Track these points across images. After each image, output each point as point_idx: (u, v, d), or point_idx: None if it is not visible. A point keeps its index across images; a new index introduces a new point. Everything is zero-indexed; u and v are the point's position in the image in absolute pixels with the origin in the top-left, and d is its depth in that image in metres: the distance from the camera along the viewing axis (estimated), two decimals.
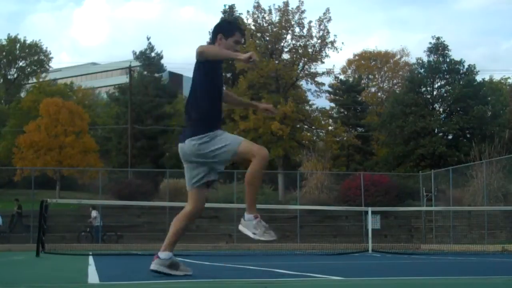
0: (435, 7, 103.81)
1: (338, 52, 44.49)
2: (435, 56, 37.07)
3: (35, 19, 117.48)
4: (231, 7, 40.76)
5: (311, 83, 35.86)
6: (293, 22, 34.61)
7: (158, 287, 4.38)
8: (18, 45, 51.25)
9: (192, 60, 5.30)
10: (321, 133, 37.69)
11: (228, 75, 39.25)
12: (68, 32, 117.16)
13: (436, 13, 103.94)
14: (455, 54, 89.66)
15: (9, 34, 52.54)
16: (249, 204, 4.98)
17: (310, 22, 34.38)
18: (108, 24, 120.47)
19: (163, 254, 5.11)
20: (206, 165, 5.20)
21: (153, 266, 5.10)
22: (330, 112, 42.86)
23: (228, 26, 5.29)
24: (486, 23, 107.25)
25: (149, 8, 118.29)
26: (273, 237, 4.94)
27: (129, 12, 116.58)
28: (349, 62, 52.43)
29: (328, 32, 34.30)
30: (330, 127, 38.64)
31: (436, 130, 35.91)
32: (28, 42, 51.58)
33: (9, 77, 51.75)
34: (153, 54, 46.80)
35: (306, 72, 35.46)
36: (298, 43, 34.84)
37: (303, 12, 34.56)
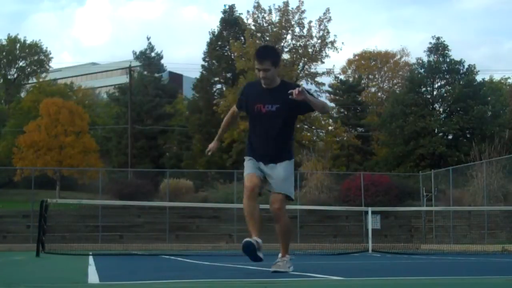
0: (438, 6, 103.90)
1: (338, 52, 44.56)
2: (435, 56, 37.05)
3: (37, 19, 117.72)
4: (231, 7, 40.76)
5: (311, 83, 35.87)
6: (293, 22, 34.63)
7: (158, 287, 4.38)
8: (18, 45, 51.27)
9: (192, 60, 5.51)
10: (321, 133, 37.71)
11: (229, 75, 39.26)
12: (70, 32, 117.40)
13: (439, 13, 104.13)
14: (458, 53, 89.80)
15: (9, 34, 52.63)
16: None
17: (310, 22, 34.42)
18: (110, 24, 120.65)
19: None
20: None
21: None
22: (330, 112, 42.84)
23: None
24: (489, 23, 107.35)
25: (151, 7, 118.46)
26: None
27: (132, 12, 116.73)
28: (349, 62, 52.40)
29: (328, 32, 34.34)
30: (330, 127, 38.64)
31: (436, 130, 35.88)
32: (28, 42, 51.61)
33: (9, 77, 51.76)
34: (153, 54, 46.83)
35: (306, 72, 35.49)
36: (298, 43, 34.87)
37: (303, 12, 34.61)
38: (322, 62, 34.92)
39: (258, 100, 5.68)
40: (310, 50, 34.52)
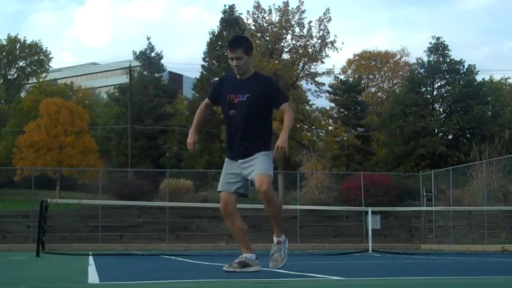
0: (439, 6, 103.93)
1: (338, 52, 44.50)
2: (435, 56, 37.07)
3: (37, 19, 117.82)
4: (231, 7, 40.75)
5: (311, 83, 35.82)
6: (293, 22, 34.56)
7: (158, 287, 4.38)
8: (18, 45, 51.24)
9: (192, 60, 5.62)
10: (321, 133, 37.67)
11: None
12: (71, 32, 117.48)
13: (440, 13, 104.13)
14: (458, 53, 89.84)
15: (9, 34, 52.59)
16: None
17: (310, 22, 34.35)
18: (110, 24, 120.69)
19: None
20: None
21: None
22: (330, 112, 42.86)
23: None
24: (490, 23, 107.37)
25: (151, 7, 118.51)
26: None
27: (132, 12, 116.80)
28: (349, 62, 52.43)
29: (328, 32, 34.26)
30: (330, 127, 38.62)
31: (436, 130, 35.89)
32: (28, 42, 51.58)
33: (9, 77, 51.72)
34: (153, 54, 46.85)
35: (306, 72, 35.42)
36: (298, 43, 34.81)
37: (303, 12, 34.52)
38: (322, 62, 34.82)
39: (231, 91, 5.74)
40: (310, 50, 34.46)
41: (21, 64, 51.99)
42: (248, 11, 36.14)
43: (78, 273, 6.16)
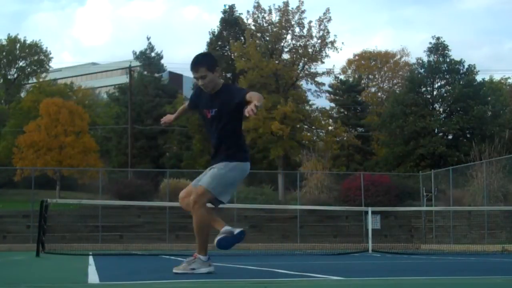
0: (439, 6, 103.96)
1: (338, 52, 44.54)
2: (435, 56, 37.07)
3: (37, 19, 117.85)
4: (231, 7, 40.75)
5: (311, 83, 35.87)
6: (293, 22, 34.59)
7: (158, 287, 4.38)
8: (18, 45, 51.23)
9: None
10: (321, 133, 37.70)
11: (228, 75, 39.24)
12: (71, 32, 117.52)
13: (440, 13, 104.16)
14: (458, 53, 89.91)
15: (9, 34, 52.57)
16: None
17: (310, 22, 34.39)
18: (110, 24, 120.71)
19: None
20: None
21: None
22: (330, 112, 42.86)
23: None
24: (490, 23, 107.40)
25: (151, 7, 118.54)
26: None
27: (132, 12, 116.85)
28: (349, 62, 52.43)
29: (328, 32, 34.30)
30: (330, 127, 38.64)
31: (436, 130, 35.89)
32: (28, 42, 51.57)
33: (9, 77, 51.70)
34: (153, 54, 46.84)
35: (306, 72, 35.45)
36: (298, 43, 34.84)
37: (303, 12, 34.57)
38: (322, 62, 34.88)
39: (205, 106, 5.84)
40: (310, 50, 34.49)
41: (21, 64, 51.97)
42: (248, 11, 36.21)
43: (78, 273, 6.16)
